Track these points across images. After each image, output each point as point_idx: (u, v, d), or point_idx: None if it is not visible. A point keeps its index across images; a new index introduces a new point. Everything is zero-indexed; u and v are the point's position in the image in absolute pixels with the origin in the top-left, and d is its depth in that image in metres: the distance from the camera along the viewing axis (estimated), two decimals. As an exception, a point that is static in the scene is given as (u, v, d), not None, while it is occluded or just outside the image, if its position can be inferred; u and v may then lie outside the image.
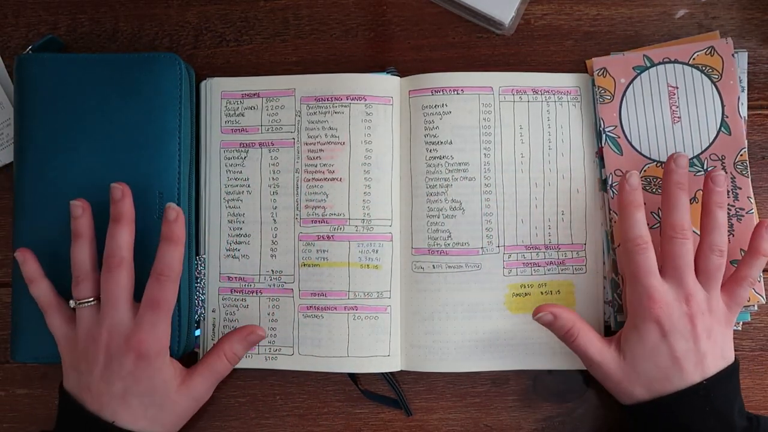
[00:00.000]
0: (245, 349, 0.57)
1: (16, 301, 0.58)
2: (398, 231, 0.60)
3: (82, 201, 0.55)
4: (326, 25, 0.63)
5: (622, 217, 0.54)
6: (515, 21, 0.62)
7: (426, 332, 0.59)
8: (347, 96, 0.61)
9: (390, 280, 0.60)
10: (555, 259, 0.60)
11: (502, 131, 0.60)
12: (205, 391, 0.56)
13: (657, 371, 0.52)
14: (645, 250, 0.53)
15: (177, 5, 0.64)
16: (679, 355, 0.51)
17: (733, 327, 0.55)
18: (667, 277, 0.53)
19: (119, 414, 0.53)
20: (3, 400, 0.62)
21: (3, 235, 0.63)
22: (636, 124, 0.59)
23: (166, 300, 0.53)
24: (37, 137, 0.58)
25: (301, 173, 0.61)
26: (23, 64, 0.59)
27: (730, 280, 0.54)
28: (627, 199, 0.54)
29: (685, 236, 0.52)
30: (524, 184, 0.60)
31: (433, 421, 0.61)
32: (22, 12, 0.64)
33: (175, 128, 0.59)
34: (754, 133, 0.61)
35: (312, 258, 0.60)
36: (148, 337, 0.52)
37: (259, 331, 0.57)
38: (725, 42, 0.59)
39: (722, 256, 0.53)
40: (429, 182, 0.60)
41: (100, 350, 0.53)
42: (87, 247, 0.55)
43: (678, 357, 0.51)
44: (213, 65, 0.63)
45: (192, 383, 0.55)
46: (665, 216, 0.54)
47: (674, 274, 0.53)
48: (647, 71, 0.60)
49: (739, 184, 0.58)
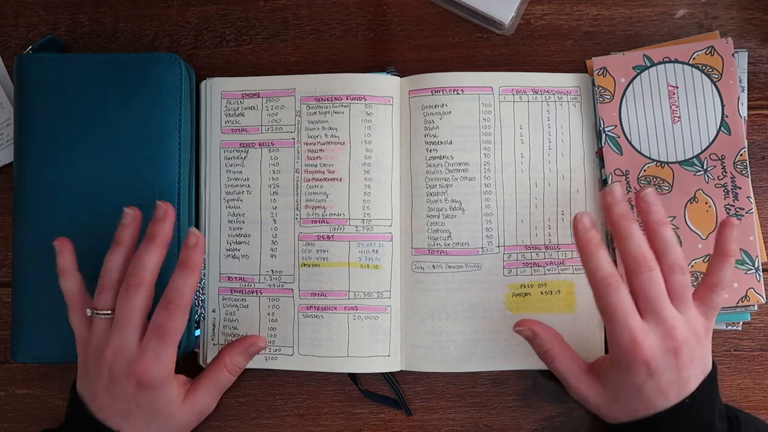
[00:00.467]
0: (246, 360, 0.57)
1: (16, 301, 0.58)
2: (398, 231, 0.60)
3: (135, 210, 0.54)
4: (326, 25, 0.63)
5: (584, 260, 0.51)
6: (515, 21, 0.62)
7: (426, 332, 0.59)
8: (347, 96, 0.61)
9: (390, 280, 0.60)
10: (555, 259, 0.60)
11: (502, 131, 0.60)
12: (208, 404, 0.56)
13: (640, 402, 0.51)
14: (617, 289, 0.50)
15: (177, 5, 0.64)
16: (664, 388, 0.50)
17: (711, 332, 0.53)
18: (644, 314, 0.50)
19: (123, 427, 0.52)
20: (3, 400, 0.62)
21: (3, 235, 0.63)
22: (636, 123, 0.59)
23: (173, 329, 0.51)
24: (37, 137, 0.58)
25: (301, 173, 0.61)
26: (23, 64, 0.59)
27: (702, 288, 0.52)
28: (583, 240, 0.51)
29: (650, 267, 0.50)
30: (524, 184, 0.60)
31: (433, 421, 0.61)
32: (22, 12, 0.64)
33: (175, 128, 0.59)
34: (754, 133, 0.61)
35: (312, 258, 0.60)
36: (151, 365, 0.51)
37: (260, 342, 0.56)
38: (725, 42, 0.59)
39: (684, 272, 0.50)
40: (429, 182, 0.60)
41: (104, 367, 0.52)
42: (122, 257, 0.53)
43: (663, 389, 0.50)
44: (213, 65, 0.63)
45: (195, 398, 0.55)
46: (622, 252, 0.51)
47: (650, 309, 0.50)
48: (647, 71, 0.60)
49: (738, 183, 0.58)
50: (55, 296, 0.57)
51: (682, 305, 0.51)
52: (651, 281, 0.50)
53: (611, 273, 0.50)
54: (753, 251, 0.57)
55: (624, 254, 0.51)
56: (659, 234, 0.51)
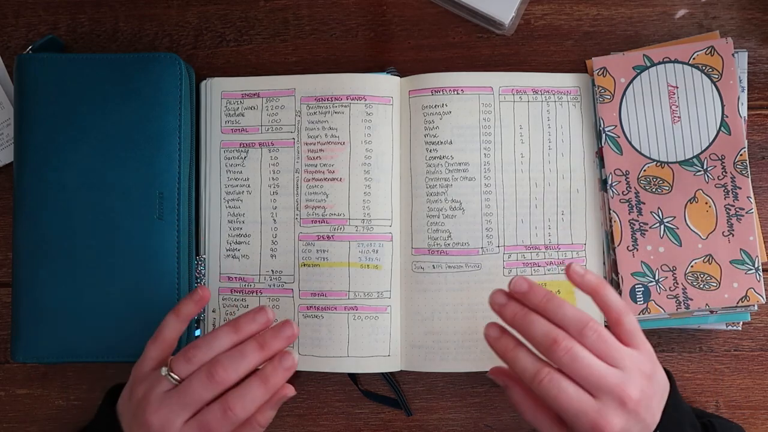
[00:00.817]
0: (276, 410, 0.54)
1: (16, 301, 0.58)
2: (398, 231, 0.60)
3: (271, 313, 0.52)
4: (326, 25, 0.63)
5: (509, 365, 0.51)
6: (515, 21, 0.62)
7: (426, 332, 0.59)
8: (347, 96, 0.61)
9: (390, 280, 0.60)
10: (555, 259, 0.60)
11: (502, 131, 0.60)
12: None
13: None
14: (553, 381, 0.48)
15: (177, 5, 0.64)
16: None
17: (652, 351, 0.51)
18: (589, 390, 0.48)
19: None
20: (3, 400, 0.62)
21: (3, 235, 0.63)
22: (636, 123, 0.59)
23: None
24: (37, 137, 0.58)
25: (301, 173, 0.61)
26: (23, 64, 0.59)
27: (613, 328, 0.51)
28: (498, 350, 0.51)
29: (565, 346, 0.48)
30: (524, 184, 0.60)
31: (433, 421, 0.61)
32: (22, 12, 0.64)
33: (175, 128, 0.59)
34: (754, 133, 0.61)
35: (312, 258, 0.60)
36: None
37: (289, 391, 0.53)
38: (725, 42, 0.59)
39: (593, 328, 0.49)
40: (429, 182, 0.60)
41: (144, 425, 0.50)
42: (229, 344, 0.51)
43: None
44: (213, 65, 0.63)
45: None
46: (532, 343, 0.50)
47: (591, 384, 0.48)
48: (647, 71, 0.60)
49: (738, 183, 0.58)
50: (55, 296, 0.57)
51: (613, 357, 0.49)
52: (575, 359, 0.48)
53: (539, 368, 0.49)
54: (753, 251, 0.57)
55: (535, 345, 0.50)
56: (549, 310, 0.50)
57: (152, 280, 0.57)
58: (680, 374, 0.60)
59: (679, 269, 0.58)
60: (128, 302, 0.57)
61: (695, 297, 0.57)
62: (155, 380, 0.51)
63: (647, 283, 0.58)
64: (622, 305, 0.51)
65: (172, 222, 0.58)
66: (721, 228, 0.58)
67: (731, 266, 0.57)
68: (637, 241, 0.58)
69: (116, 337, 0.57)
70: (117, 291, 0.57)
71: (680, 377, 0.60)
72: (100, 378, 0.61)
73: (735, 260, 0.57)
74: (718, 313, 0.58)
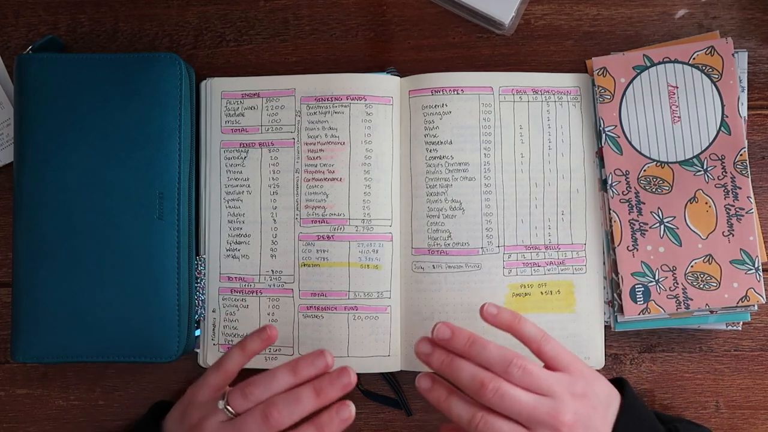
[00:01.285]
0: None
1: (16, 301, 0.58)
2: (398, 231, 0.60)
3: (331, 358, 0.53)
4: (326, 25, 0.63)
5: (445, 415, 0.52)
6: (515, 21, 0.62)
7: (426, 332, 0.59)
8: (347, 96, 0.61)
9: (390, 280, 0.60)
10: (555, 259, 0.60)
11: (502, 131, 0.60)
12: None
13: None
14: (487, 422, 0.50)
15: (177, 5, 0.64)
16: None
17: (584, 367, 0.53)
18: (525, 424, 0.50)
19: None
20: (3, 400, 0.62)
21: (3, 235, 0.63)
22: (636, 123, 0.59)
23: None
24: (37, 137, 0.58)
25: (301, 173, 0.61)
26: (23, 64, 0.59)
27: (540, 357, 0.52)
28: (432, 402, 0.52)
29: (492, 387, 0.50)
30: (524, 184, 0.60)
31: (433, 421, 0.61)
32: (22, 12, 0.64)
33: (175, 128, 0.59)
34: (754, 133, 0.61)
35: (312, 258, 0.60)
36: None
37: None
38: (725, 42, 0.59)
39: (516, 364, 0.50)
40: (429, 182, 0.60)
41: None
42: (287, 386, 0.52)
43: None
44: (213, 65, 0.63)
45: None
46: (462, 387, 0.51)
47: (525, 418, 0.50)
48: (647, 71, 0.60)
49: (738, 183, 0.58)
50: (55, 296, 0.57)
51: (541, 387, 0.50)
52: (503, 398, 0.50)
53: (473, 414, 0.50)
54: (753, 251, 0.57)
55: (465, 389, 0.51)
56: (474, 353, 0.51)
57: (152, 280, 0.57)
58: (680, 374, 0.60)
59: (679, 269, 0.58)
60: (128, 302, 0.57)
61: (695, 297, 0.57)
62: (212, 409, 0.52)
63: (647, 283, 0.58)
64: (540, 334, 0.53)
65: (172, 222, 0.58)
66: (721, 228, 0.58)
67: (731, 266, 0.57)
68: (637, 241, 0.59)
69: (116, 337, 0.57)
70: (117, 291, 0.57)
71: (680, 377, 0.60)
72: (100, 378, 0.61)
73: (735, 260, 0.57)
74: (718, 313, 0.58)
